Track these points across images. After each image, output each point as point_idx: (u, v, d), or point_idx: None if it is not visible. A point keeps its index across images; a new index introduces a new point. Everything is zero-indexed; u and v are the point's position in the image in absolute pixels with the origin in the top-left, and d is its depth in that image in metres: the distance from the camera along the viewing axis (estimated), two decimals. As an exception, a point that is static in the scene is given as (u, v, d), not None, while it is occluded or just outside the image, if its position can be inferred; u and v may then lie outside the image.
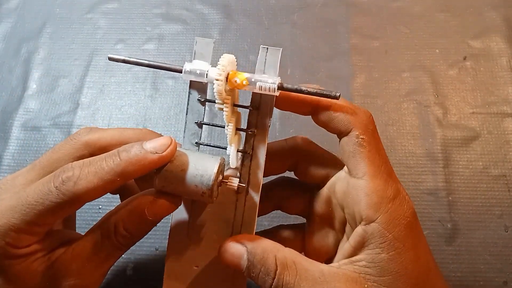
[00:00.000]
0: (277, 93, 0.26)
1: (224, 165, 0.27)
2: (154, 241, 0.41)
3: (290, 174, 0.32)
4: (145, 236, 0.28)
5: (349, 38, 0.51)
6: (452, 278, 0.39)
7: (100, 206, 0.42)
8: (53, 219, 0.26)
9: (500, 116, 0.45)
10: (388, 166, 0.26)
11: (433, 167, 0.43)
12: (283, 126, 0.46)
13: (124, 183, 0.34)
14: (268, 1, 0.54)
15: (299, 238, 0.31)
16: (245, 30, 0.52)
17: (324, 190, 0.30)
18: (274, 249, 0.25)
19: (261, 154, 0.27)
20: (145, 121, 0.47)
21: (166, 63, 0.27)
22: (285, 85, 0.25)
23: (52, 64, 0.51)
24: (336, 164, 0.29)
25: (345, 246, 0.26)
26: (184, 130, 0.28)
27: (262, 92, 0.26)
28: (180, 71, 0.26)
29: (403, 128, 0.45)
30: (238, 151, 0.28)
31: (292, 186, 0.32)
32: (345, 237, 0.28)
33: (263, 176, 0.29)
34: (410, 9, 0.52)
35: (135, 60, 0.27)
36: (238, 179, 0.27)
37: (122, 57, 0.27)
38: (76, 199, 0.25)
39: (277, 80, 0.25)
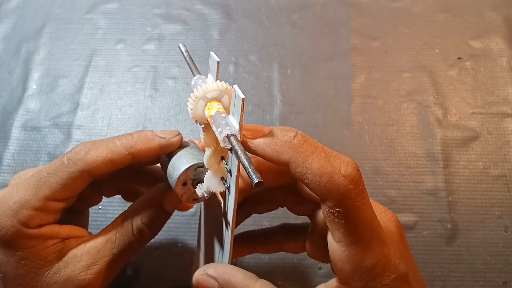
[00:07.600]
0: (225, 146, 0.22)
1: (202, 168, 0.27)
2: (154, 241, 0.40)
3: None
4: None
5: (349, 38, 0.51)
6: (452, 278, 0.39)
7: (100, 206, 0.42)
8: (64, 193, 0.27)
9: (500, 116, 0.45)
10: (371, 232, 0.23)
11: (433, 167, 0.43)
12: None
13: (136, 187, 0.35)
14: (268, 1, 0.54)
15: (302, 238, 0.31)
16: (245, 30, 0.52)
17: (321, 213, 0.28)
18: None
19: (232, 193, 0.25)
20: (145, 121, 0.47)
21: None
22: (231, 139, 0.22)
23: (52, 64, 0.51)
24: None
25: None
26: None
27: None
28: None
29: (403, 128, 0.45)
30: (221, 178, 0.26)
31: (296, 191, 0.31)
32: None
33: (266, 182, 0.28)
34: (410, 9, 0.52)
35: (185, 54, 0.27)
36: (204, 189, 0.26)
37: (184, 49, 0.27)
38: (86, 169, 0.27)
39: (227, 132, 0.22)
